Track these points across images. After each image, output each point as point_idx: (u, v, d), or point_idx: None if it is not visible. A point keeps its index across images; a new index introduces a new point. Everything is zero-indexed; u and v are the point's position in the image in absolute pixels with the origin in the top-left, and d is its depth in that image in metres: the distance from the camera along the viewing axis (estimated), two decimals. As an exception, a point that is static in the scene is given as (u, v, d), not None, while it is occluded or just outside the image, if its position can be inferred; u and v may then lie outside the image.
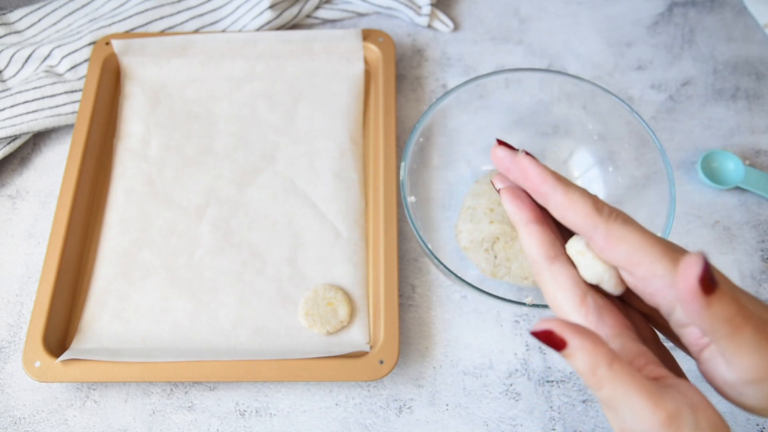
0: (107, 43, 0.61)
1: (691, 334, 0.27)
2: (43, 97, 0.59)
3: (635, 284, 0.28)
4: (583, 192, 0.29)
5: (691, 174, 0.58)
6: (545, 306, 0.42)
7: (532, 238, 0.30)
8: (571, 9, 0.68)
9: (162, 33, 0.63)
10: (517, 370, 0.50)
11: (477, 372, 0.50)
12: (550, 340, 0.26)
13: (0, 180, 0.59)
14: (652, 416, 0.24)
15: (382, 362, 0.47)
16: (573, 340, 0.25)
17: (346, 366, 0.47)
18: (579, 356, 0.25)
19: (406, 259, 0.54)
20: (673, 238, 0.54)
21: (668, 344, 0.31)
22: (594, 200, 0.28)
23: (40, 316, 0.49)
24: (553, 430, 0.48)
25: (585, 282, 0.29)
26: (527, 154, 0.30)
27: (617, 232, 0.27)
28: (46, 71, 0.61)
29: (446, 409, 0.49)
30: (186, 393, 0.49)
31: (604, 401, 0.25)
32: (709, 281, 0.23)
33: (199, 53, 0.61)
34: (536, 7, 0.68)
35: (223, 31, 0.64)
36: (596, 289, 0.29)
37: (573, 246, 0.29)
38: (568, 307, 0.29)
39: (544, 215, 0.31)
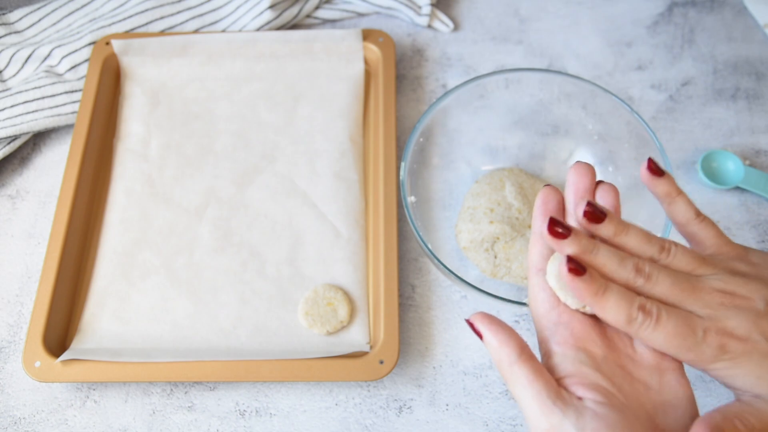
0: (107, 43, 0.61)
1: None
2: (43, 97, 0.59)
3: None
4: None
5: (691, 174, 0.58)
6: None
7: (532, 247, 0.33)
8: (571, 9, 0.68)
9: (162, 33, 0.63)
10: (517, 370, 0.50)
11: (477, 372, 0.50)
12: (474, 329, 0.29)
13: (0, 180, 0.59)
14: (536, 421, 0.27)
15: (382, 362, 0.47)
16: (486, 334, 0.29)
17: (346, 366, 0.47)
18: (489, 349, 0.29)
19: (406, 259, 0.54)
20: (674, 239, 0.54)
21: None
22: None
23: (40, 316, 0.49)
24: (553, 430, 0.48)
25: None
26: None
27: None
28: (46, 71, 0.61)
29: (446, 409, 0.49)
30: (186, 393, 0.49)
31: (513, 396, 0.28)
32: None
33: (199, 53, 0.61)
34: (536, 7, 0.68)
35: (223, 31, 0.64)
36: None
37: (549, 269, 0.31)
38: (543, 309, 0.31)
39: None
